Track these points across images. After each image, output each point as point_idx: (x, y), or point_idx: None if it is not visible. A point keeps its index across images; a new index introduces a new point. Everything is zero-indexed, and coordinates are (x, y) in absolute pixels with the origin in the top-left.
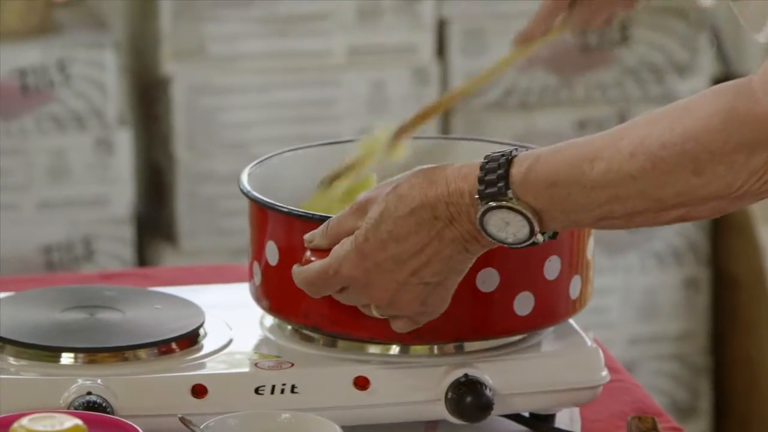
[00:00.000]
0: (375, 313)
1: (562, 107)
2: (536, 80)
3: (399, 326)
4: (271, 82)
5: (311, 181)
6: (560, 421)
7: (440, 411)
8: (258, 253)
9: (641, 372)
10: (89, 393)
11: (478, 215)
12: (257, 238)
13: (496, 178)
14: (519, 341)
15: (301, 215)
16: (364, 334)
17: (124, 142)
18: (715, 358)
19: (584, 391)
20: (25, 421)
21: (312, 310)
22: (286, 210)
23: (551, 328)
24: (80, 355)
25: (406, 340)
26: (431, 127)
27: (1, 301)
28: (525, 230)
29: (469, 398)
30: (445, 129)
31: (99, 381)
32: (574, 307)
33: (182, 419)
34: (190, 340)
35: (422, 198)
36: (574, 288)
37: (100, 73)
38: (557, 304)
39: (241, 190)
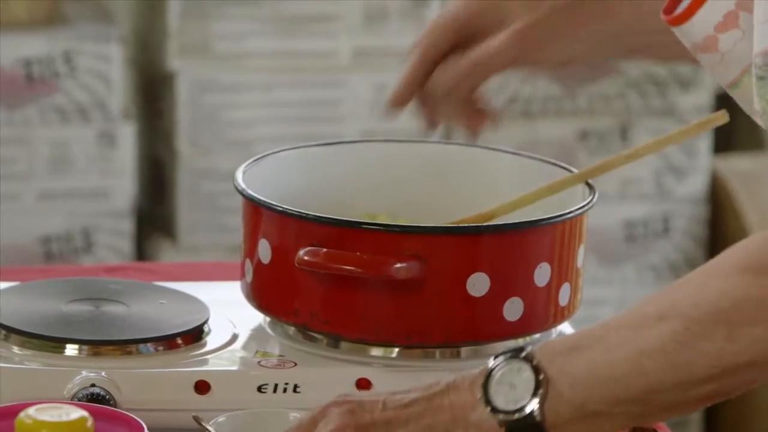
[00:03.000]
0: None
1: (564, 117)
2: (539, 89)
3: None
4: (275, 81)
5: (307, 180)
6: None
7: None
8: (251, 251)
9: None
10: (93, 385)
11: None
12: (250, 235)
13: (511, 350)
14: None
15: (294, 214)
16: (354, 335)
17: (127, 135)
18: None
19: None
20: (31, 411)
21: (302, 309)
22: (280, 209)
23: (551, 337)
24: (85, 347)
25: (398, 342)
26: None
27: (5, 291)
28: (528, 391)
29: None
30: (447, 135)
31: (103, 373)
32: (563, 314)
33: (195, 418)
34: (195, 335)
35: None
36: (564, 295)
37: (105, 65)
38: (546, 311)
39: (236, 188)
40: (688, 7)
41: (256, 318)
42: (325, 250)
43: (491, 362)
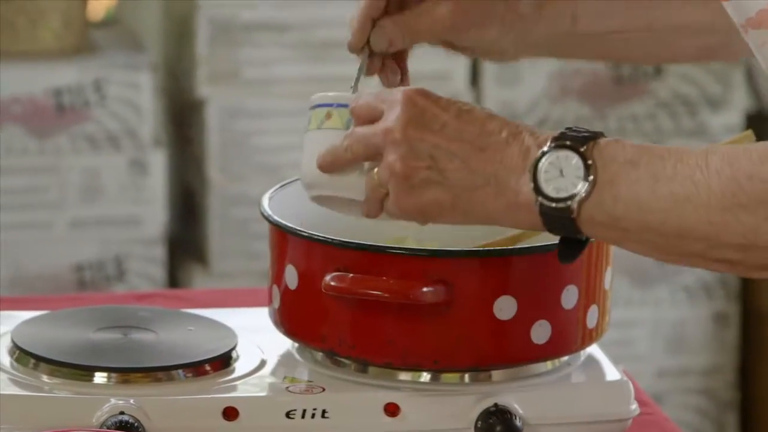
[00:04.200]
0: (373, 178)
1: None
2: (570, 111)
3: (391, 201)
4: (304, 107)
5: None
6: None
7: None
8: (278, 276)
9: (668, 405)
10: (122, 413)
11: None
12: (277, 261)
13: (580, 134)
14: (548, 371)
15: (320, 240)
16: (381, 360)
17: (158, 163)
18: (742, 393)
19: (613, 423)
20: None
21: (329, 334)
22: (306, 234)
23: (581, 359)
24: (113, 375)
25: (424, 366)
26: None
27: (36, 320)
28: (574, 186)
29: (499, 427)
30: None
31: (131, 401)
32: (591, 336)
33: None
34: (223, 362)
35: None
36: (592, 317)
37: (135, 93)
38: (574, 333)
39: (262, 214)
40: None
41: (284, 344)
42: (351, 275)
43: (550, 140)
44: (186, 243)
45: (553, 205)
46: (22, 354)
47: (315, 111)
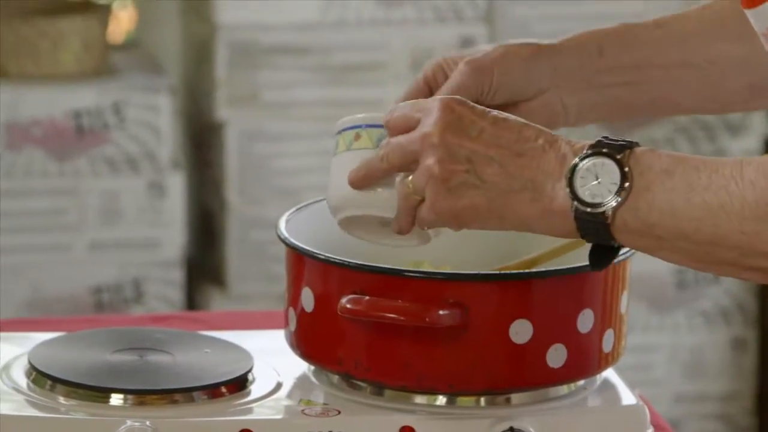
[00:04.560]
0: (408, 185)
1: None
2: (589, 134)
3: (426, 208)
4: (323, 130)
5: None
6: None
7: None
8: (294, 299)
9: (686, 431)
10: None
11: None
12: (293, 284)
13: (617, 143)
14: (564, 395)
15: (336, 262)
16: (397, 383)
17: (177, 185)
18: (760, 419)
19: None
20: None
21: (346, 357)
22: (322, 257)
23: (597, 384)
24: (130, 397)
25: (440, 389)
26: None
27: (53, 341)
28: (609, 192)
29: None
30: None
31: (148, 423)
32: (607, 360)
33: None
34: (239, 384)
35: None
36: (608, 342)
37: (154, 116)
38: (590, 357)
39: (279, 236)
40: None
41: (300, 366)
42: (367, 298)
43: (587, 148)
44: (204, 265)
45: (588, 210)
46: (38, 375)
47: (343, 134)
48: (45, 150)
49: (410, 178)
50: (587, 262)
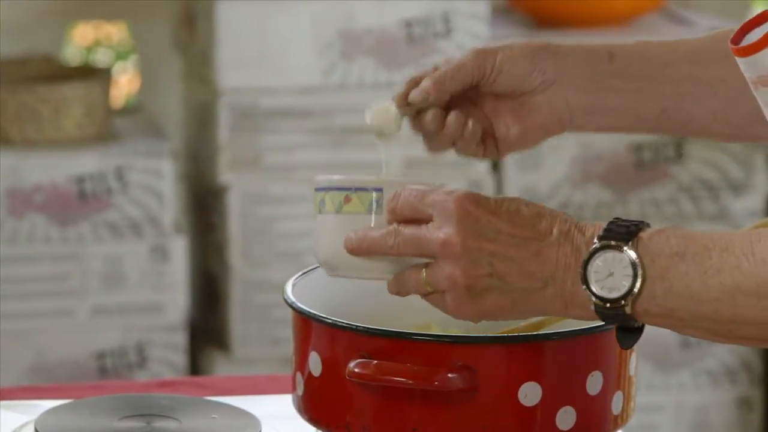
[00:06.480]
0: (423, 278)
1: None
2: (591, 195)
3: (447, 299)
4: None
5: (356, 292)
6: None
7: None
8: (301, 363)
9: None
10: None
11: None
12: (301, 348)
13: (625, 229)
14: None
15: (344, 326)
16: None
17: (180, 249)
18: None
19: None
20: None
21: (353, 421)
22: (330, 321)
23: None
24: None
25: None
26: None
27: (59, 409)
28: (624, 286)
29: None
30: None
31: None
32: (616, 423)
33: None
34: None
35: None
36: (617, 404)
37: (157, 181)
38: (599, 420)
39: (285, 301)
40: (761, 39)
41: (308, 431)
42: (375, 362)
43: (596, 238)
44: (207, 329)
45: (608, 305)
46: None
47: (329, 194)
48: (47, 216)
49: (426, 274)
50: (597, 324)
